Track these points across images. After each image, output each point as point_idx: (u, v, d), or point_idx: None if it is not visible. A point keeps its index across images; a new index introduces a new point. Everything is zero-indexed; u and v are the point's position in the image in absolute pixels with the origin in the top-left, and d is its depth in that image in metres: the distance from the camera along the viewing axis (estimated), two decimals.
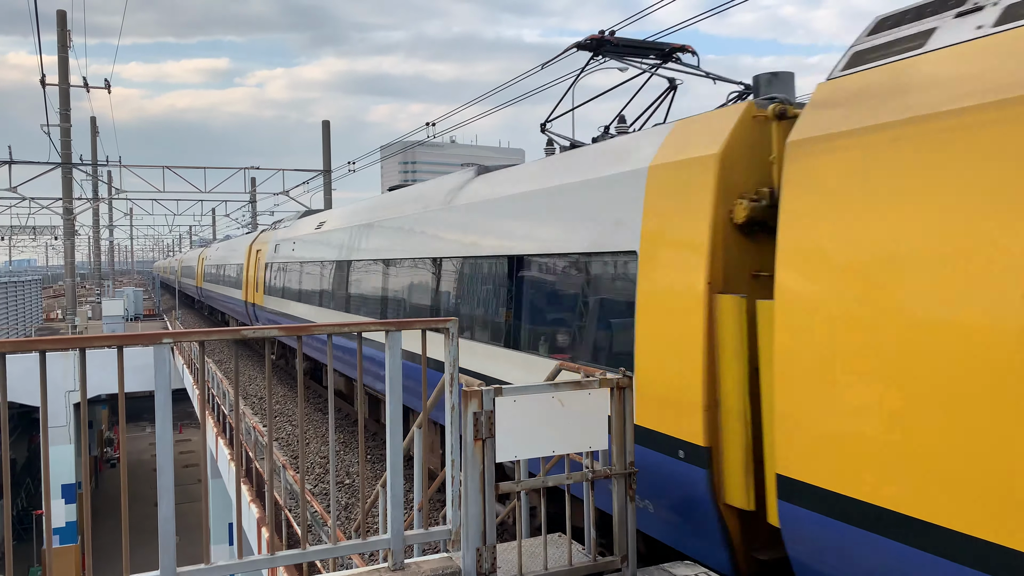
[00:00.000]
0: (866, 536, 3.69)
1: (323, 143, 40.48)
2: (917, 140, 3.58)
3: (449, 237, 8.79)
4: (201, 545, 3.80)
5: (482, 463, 4.03)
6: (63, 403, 26.59)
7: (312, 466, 12.88)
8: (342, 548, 3.97)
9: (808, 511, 3.96)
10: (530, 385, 4.22)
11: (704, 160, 4.85)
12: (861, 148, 3.83)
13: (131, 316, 44.24)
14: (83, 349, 3.48)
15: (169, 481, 3.55)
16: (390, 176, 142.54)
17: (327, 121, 40.48)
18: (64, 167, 31.13)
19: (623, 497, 4.37)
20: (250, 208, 58.81)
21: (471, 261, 8.22)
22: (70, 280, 32.89)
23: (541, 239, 6.79)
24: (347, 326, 4.14)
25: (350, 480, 11.72)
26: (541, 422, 4.19)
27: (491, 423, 4.04)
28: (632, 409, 4.44)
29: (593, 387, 4.34)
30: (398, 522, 4.02)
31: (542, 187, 6.97)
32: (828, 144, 4.02)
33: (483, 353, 7.87)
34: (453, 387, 4.19)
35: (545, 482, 4.31)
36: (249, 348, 30.21)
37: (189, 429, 45.28)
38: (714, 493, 4.73)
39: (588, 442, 4.33)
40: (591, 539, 4.39)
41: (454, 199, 9.03)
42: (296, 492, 10.76)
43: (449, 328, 4.16)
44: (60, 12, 31.19)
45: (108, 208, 55.56)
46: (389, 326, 4.13)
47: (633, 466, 4.41)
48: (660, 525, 5.38)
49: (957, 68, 3.61)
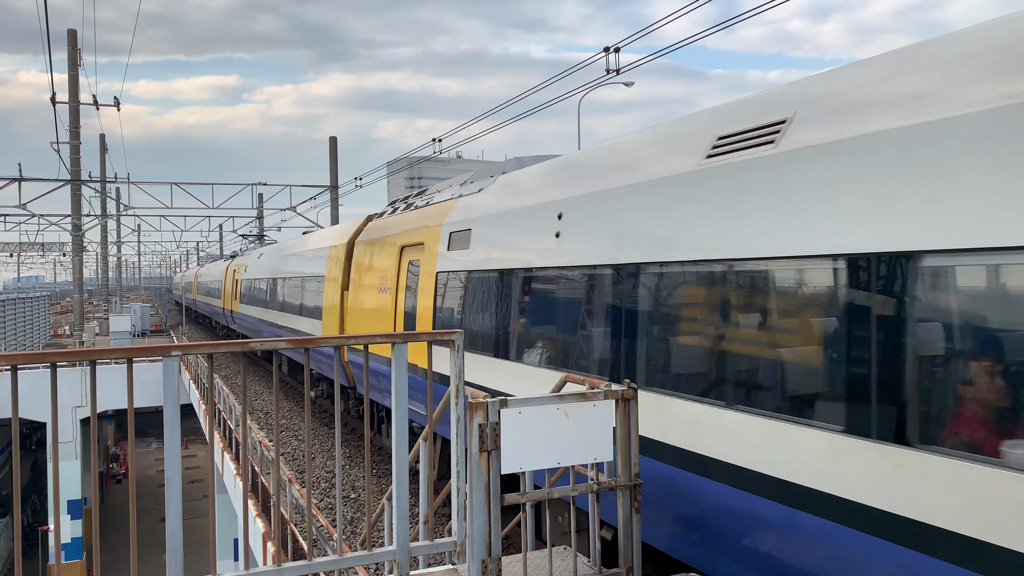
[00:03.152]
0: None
1: (330, 159, 40.71)
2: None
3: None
4: (208, 560, 3.82)
5: (487, 475, 4.05)
6: (70, 418, 26.64)
7: (318, 480, 12.89)
8: (348, 559, 3.98)
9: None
10: (535, 397, 4.25)
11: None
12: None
13: (138, 332, 44.41)
14: (94, 362, 3.53)
15: (177, 493, 3.58)
16: (396, 192, 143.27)
17: (334, 137, 40.71)
18: (73, 184, 31.40)
19: (628, 509, 4.38)
20: (257, 224, 59.14)
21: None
22: (78, 296, 33.06)
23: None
24: (355, 338, 4.18)
25: (356, 494, 11.71)
26: (546, 434, 4.21)
27: (496, 435, 4.06)
28: (636, 420, 4.46)
29: (598, 399, 4.36)
30: (403, 534, 4.04)
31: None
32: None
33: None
34: (459, 399, 4.21)
35: (550, 494, 4.32)
36: (256, 364, 30.28)
37: (195, 445, 45.26)
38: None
39: (593, 454, 4.34)
40: (596, 551, 4.40)
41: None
42: (302, 507, 10.76)
43: (455, 340, 4.19)
44: (71, 31, 31.58)
45: (116, 224, 55.96)
46: (395, 338, 4.17)
47: (638, 478, 4.42)
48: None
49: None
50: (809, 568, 4.16)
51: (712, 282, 4.96)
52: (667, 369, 5.34)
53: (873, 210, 3.93)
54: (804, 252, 4.32)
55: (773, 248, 4.50)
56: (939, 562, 3.48)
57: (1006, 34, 3.78)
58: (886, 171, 3.90)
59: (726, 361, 4.81)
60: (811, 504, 4.13)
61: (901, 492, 3.68)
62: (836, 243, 4.12)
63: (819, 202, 4.27)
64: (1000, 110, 3.42)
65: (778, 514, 4.34)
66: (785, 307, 4.46)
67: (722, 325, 4.84)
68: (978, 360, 3.41)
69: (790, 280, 4.44)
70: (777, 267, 4.51)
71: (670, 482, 5.23)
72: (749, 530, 4.58)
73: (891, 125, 3.96)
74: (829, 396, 4.11)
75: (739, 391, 4.73)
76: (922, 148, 3.74)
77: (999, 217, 3.32)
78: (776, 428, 4.40)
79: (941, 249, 3.55)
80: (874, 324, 3.90)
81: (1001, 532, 3.21)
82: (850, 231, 4.05)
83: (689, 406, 5.10)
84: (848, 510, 3.91)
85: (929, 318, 3.63)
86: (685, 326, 5.19)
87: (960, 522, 3.39)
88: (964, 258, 3.48)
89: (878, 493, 3.78)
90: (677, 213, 5.41)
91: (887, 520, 3.72)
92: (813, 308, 4.27)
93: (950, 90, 3.78)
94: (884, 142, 3.95)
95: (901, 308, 3.74)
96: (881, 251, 3.85)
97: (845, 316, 4.04)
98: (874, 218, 3.92)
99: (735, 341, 4.78)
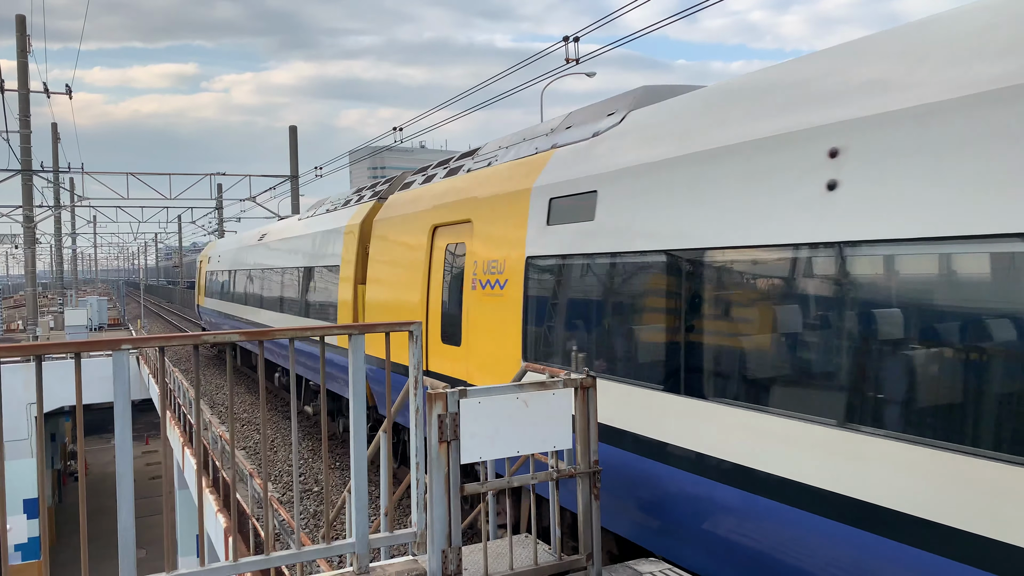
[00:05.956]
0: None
1: (290, 148, 40.16)
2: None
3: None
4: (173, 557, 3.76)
5: (447, 465, 4.05)
6: (24, 415, 25.97)
7: (280, 473, 12.77)
8: (306, 553, 3.95)
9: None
10: (495, 387, 4.25)
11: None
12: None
13: (95, 326, 43.38)
14: (39, 356, 3.43)
15: (129, 490, 3.51)
16: (359, 181, 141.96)
17: (294, 126, 40.16)
18: (24, 174, 30.47)
19: (587, 496, 4.42)
20: (216, 215, 58.11)
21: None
22: (31, 290, 32.18)
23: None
24: (309, 330, 4.13)
25: (318, 487, 11.63)
26: (506, 423, 4.22)
27: (456, 425, 4.06)
28: (596, 408, 4.49)
29: (557, 387, 4.38)
30: (363, 526, 4.02)
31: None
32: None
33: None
34: (418, 390, 4.20)
35: (510, 482, 4.34)
36: (218, 356, 29.82)
37: (156, 440, 44.46)
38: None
39: (553, 442, 4.36)
40: (556, 538, 4.43)
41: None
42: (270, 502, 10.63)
43: (412, 331, 4.17)
44: (19, 17, 30.57)
45: (71, 216, 54.48)
46: (352, 329, 4.14)
47: (597, 464, 4.45)
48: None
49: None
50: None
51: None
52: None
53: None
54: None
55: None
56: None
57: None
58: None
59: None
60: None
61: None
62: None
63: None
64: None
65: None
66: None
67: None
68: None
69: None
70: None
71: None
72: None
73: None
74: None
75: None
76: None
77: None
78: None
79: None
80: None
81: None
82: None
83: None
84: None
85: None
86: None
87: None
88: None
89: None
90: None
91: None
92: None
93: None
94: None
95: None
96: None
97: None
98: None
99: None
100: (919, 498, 3.51)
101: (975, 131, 3.41)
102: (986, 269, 3.33)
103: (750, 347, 4.46)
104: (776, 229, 4.31)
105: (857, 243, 3.85)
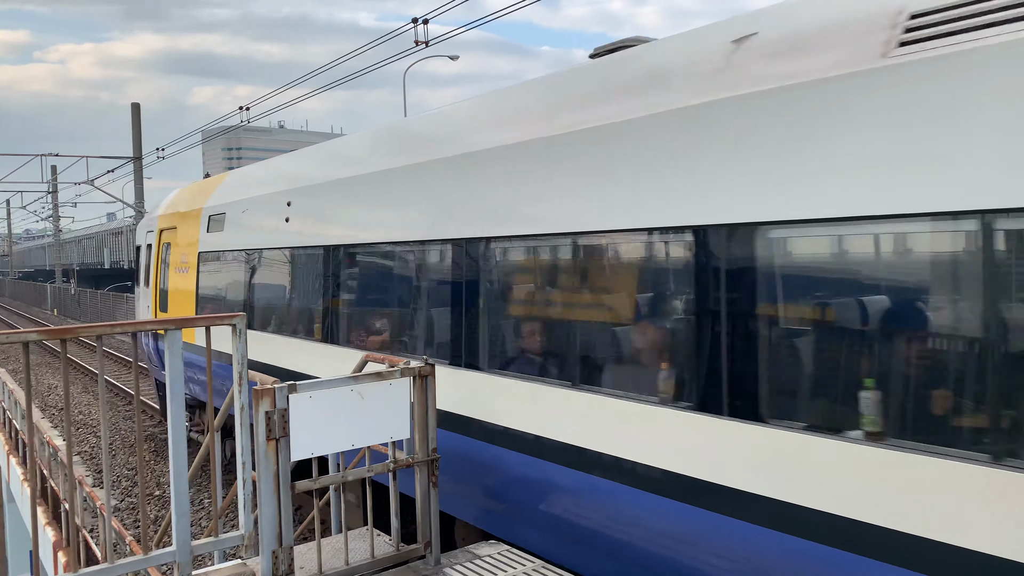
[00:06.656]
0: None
1: (133, 127, 37.22)
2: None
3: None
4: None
5: (276, 464, 3.88)
6: None
7: (119, 479, 11.89)
8: (120, 567, 3.67)
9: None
10: (328, 379, 4.12)
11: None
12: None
13: None
14: None
15: None
16: (212, 163, 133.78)
17: (137, 103, 37.26)
18: None
19: (426, 484, 4.39)
20: (50, 199, 53.22)
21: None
22: None
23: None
24: (119, 325, 3.83)
25: (161, 490, 10.93)
26: (341, 416, 4.10)
27: (285, 421, 3.90)
28: (434, 397, 4.46)
29: (394, 377, 4.30)
30: (184, 532, 3.78)
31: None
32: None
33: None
34: (243, 385, 3.99)
35: (345, 476, 4.23)
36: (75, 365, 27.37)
37: None
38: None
39: (390, 432, 4.29)
40: (395, 529, 4.37)
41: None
42: (97, 509, 9.86)
43: (236, 324, 3.95)
44: None
45: None
46: (168, 324, 3.86)
47: (436, 452, 4.43)
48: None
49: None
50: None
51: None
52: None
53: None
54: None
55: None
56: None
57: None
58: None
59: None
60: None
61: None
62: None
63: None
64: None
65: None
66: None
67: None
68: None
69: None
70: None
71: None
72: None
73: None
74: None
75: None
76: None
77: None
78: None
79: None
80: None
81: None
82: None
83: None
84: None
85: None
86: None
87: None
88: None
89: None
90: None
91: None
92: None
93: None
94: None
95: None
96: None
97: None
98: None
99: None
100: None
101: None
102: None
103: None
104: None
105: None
